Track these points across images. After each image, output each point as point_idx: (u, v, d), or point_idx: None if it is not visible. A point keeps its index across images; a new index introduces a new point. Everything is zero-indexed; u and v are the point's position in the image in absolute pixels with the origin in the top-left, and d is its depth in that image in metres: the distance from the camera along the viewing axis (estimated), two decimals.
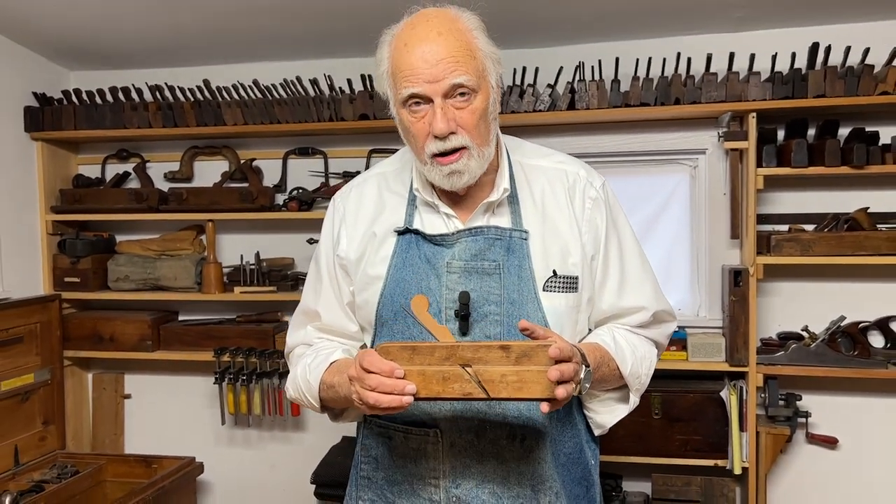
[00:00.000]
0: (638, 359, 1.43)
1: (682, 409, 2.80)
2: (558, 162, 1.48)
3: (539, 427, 1.38)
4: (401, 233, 1.42)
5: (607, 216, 1.44)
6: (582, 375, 1.20)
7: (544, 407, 1.14)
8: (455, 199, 1.41)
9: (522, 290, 1.36)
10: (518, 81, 2.88)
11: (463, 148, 1.30)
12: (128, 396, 3.51)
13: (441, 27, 1.27)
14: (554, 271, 1.38)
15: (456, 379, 1.15)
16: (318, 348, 1.49)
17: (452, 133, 1.28)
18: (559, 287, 1.38)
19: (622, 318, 1.48)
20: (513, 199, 1.42)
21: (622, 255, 1.47)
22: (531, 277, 1.37)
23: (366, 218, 1.47)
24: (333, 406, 1.45)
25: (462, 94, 1.27)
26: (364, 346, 1.53)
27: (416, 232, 1.41)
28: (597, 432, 1.50)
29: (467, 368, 1.15)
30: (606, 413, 1.48)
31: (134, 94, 3.21)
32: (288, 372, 1.57)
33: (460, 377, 1.15)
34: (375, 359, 1.16)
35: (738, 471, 2.76)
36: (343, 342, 1.52)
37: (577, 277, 1.40)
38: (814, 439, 2.91)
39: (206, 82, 3.08)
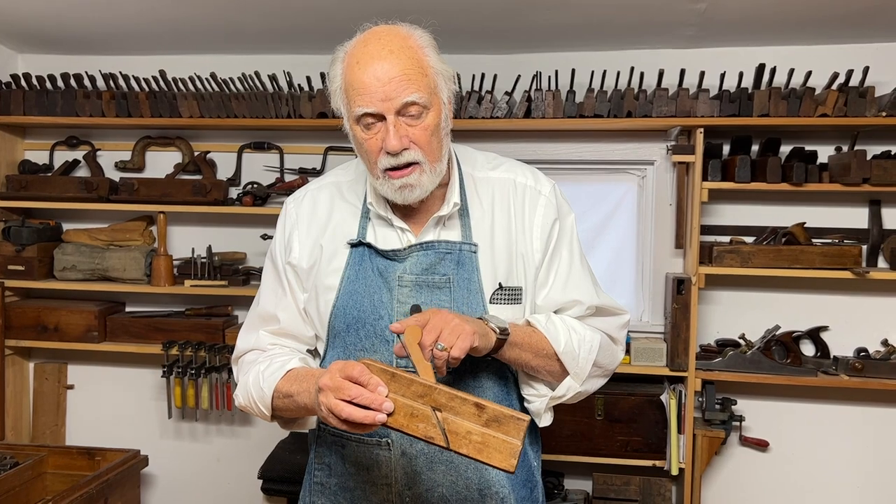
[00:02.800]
0: (575, 340, 1.41)
1: (623, 410, 2.89)
2: (507, 171, 1.51)
3: None
4: (354, 245, 1.44)
5: (556, 219, 1.47)
6: (494, 326, 1.30)
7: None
8: (407, 212, 1.43)
9: (471, 303, 1.40)
10: (476, 87, 2.92)
11: (415, 163, 1.33)
12: (71, 387, 3.45)
13: (392, 45, 1.29)
14: (500, 284, 1.42)
15: (423, 419, 1.14)
16: (272, 355, 1.48)
17: (405, 149, 1.30)
18: (505, 299, 1.42)
19: (560, 313, 1.48)
20: (463, 212, 1.45)
21: (565, 256, 1.49)
22: (479, 290, 1.41)
23: (317, 227, 1.48)
24: (287, 415, 1.45)
25: (414, 110, 1.29)
26: (313, 352, 1.54)
27: (369, 245, 1.43)
28: (539, 422, 1.49)
29: (437, 413, 1.14)
30: (537, 399, 1.46)
31: (87, 82, 3.15)
32: None
33: (427, 419, 1.14)
34: (363, 370, 1.16)
35: (675, 471, 2.86)
36: (298, 347, 1.52)
37: (521, 288, 1.44)
38: (746, 442, 3.04)
39: (163, 73, 3.03)
